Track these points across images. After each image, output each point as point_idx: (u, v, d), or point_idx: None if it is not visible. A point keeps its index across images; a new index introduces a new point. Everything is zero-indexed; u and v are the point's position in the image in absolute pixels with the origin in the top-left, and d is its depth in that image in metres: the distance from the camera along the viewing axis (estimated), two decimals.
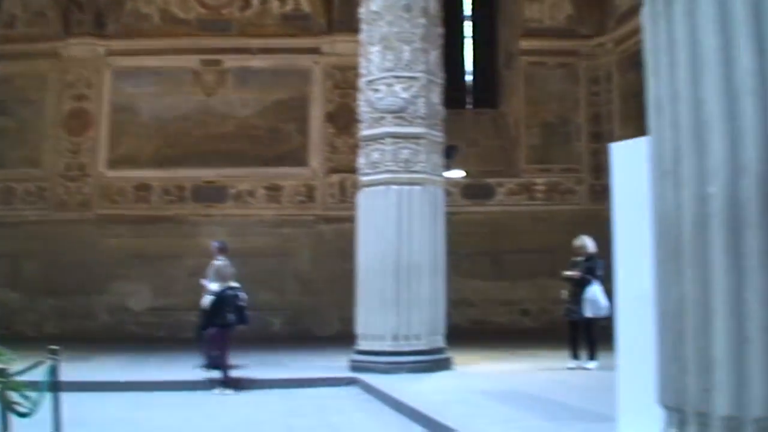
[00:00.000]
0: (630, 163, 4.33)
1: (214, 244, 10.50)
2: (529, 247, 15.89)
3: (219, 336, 9.24)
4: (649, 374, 3.42)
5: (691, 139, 3.15)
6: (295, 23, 16.99)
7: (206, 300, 9.70)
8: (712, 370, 3.03)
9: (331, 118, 16.52)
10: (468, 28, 18.03)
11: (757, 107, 3.00)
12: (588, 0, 16.66)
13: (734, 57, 3.06)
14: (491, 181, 16.79)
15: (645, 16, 3.50)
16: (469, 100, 17.83)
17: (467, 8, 18.10)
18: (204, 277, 10.14)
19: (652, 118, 3.44)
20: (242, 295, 9.49)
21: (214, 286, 9.61)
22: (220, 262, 9.88)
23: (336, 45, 16.34)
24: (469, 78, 17.89)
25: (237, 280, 9.69)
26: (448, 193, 16.23)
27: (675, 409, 3.22)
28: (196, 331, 10.09)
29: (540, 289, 15.23)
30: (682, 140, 3.20)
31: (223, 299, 9.29)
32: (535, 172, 16.82)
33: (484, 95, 17.71)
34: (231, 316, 9.23)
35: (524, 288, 16.08)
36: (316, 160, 16.62)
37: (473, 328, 15.58)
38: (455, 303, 15.93)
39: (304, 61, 16.87)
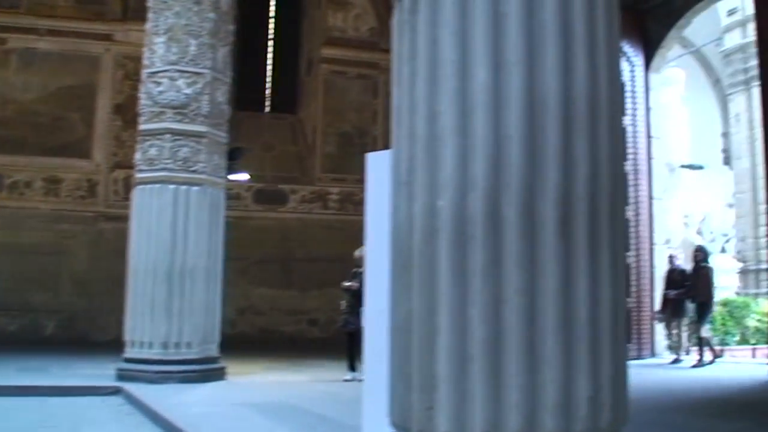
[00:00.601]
0: (383, 173, 4.26)
1: None
2: (320, 257, 15.83)
3: None
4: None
5: (425, 151, 3.10)
6: (88, 7, 16.05)
7: None
8: (434, 388, 2.97)
9: (119, 109, 15.69)
10: (272, 31, 17.79)
11: (489, 123, 2.98)
12: (391, 14, 16.82)
13: (470, 71, 3.03)
14: (285, 187, 16.61)
15: (394, 25, 3.44)
16: (268, 104, 17.57)
17: (273, 11, 17.85)
18: None
19: (394, 129, 3.38)
20: None
21: None
22: None
23: (129, 34, 15.53)
24: (269, 81, 17.64)
25: None
26: (240, 198, 15.94)
27: (402, 427, 3.16)
28: None
29: (329, 299, 15.11)
30: (417, 152, 3.14)
31: None
32: (329, 181, 16.81)
33: (284, 100, 17.51)
34: None
35: (314, 297, 15.99)
36: (100, 153, 15.73)
37: (260, 337, 15.37)
38: (242, 311, 15.69)
39: (95, 47, 15.96)
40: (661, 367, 11.19)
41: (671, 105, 17.48)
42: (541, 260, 2.93)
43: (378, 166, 4.44)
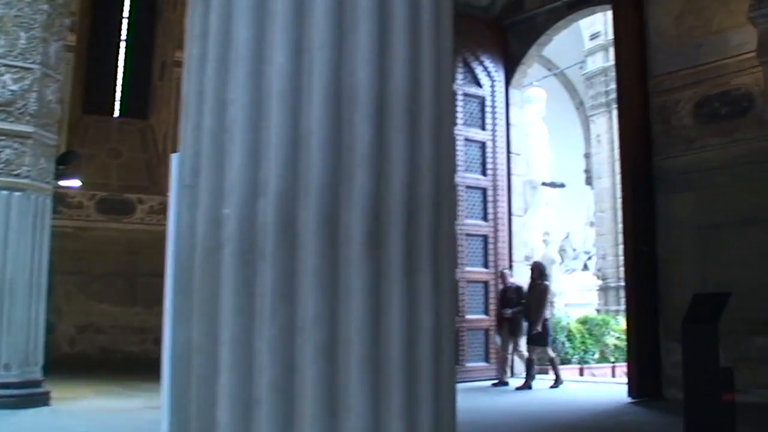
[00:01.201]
0: None
1: None
2: None
3: None
4: None
5: (211, 147, 2.59)
6: None
7: None
8: None
9: None
10: (125, 33, 16.81)
11: (286, 114, 2.51)
12: None
13: (267, 53, 2.55)
14: (132, 196, 15.61)
15: (189, 1, 2.92)
16: (117, 108, 16.55)
17: (127, 12, 16.90)
18: None
19: (182, 121, 2.85)
20: None
21: None
22: None
23: None
24: (120, 85, 16.64)
25: None
26: (81, 206, 14.91)
27: None
28: None
29: None
30: (203, 148, 2.63)
31: None
32: None
33: (135, 104, 16.54)
34: None
35: (160, 315, 14.91)
36: None
37: (102, 357, 14.36)
38: (82, 328, 14.62)
39: None
40: (515, 390, 10.89)
41: (533, 123, 17.61)
42: (344, 281, 2.47)
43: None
